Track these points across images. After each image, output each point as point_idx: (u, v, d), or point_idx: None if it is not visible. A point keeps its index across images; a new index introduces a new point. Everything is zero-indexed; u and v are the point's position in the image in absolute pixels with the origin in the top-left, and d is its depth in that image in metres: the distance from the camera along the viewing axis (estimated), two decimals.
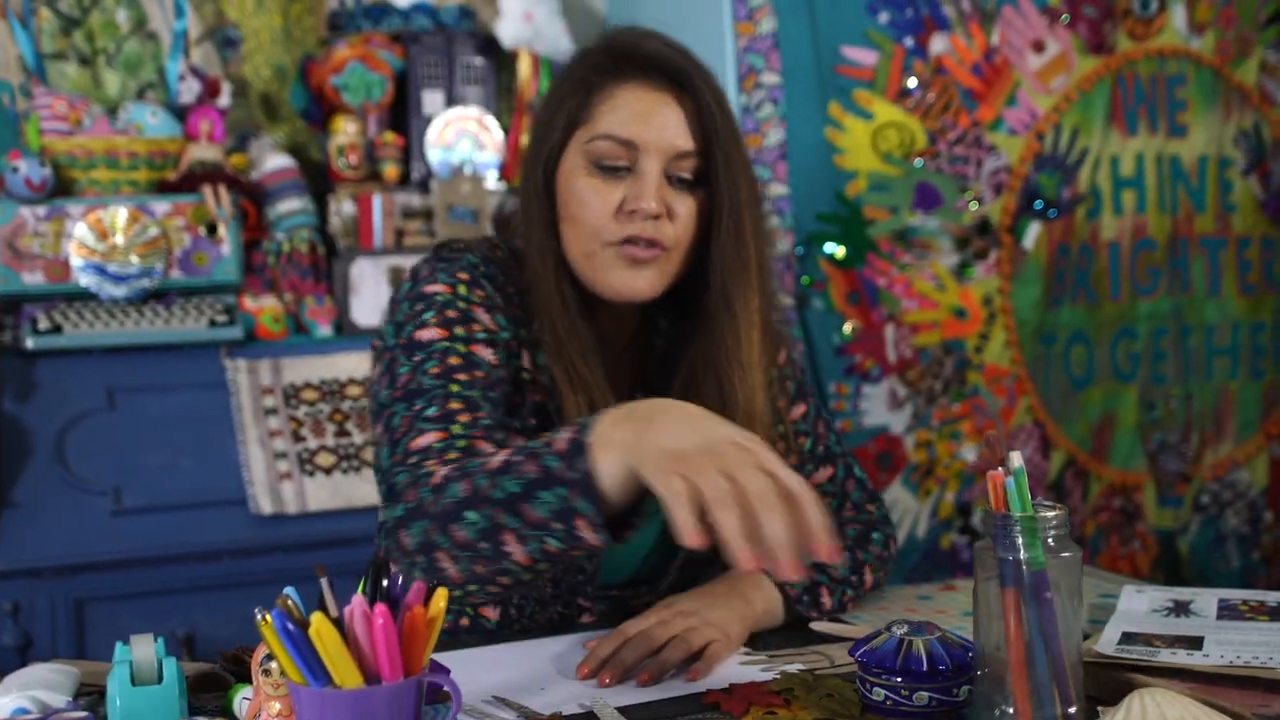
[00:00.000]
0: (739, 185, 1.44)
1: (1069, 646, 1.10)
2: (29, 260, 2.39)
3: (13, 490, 2.19)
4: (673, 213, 1.41)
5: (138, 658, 1.19)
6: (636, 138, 1.40)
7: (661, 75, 1.42)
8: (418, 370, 1.35)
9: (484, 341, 1.40)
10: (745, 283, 1.44)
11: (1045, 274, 2.67)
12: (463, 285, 1.42)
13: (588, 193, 1.41)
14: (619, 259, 1.41)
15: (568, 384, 1.43)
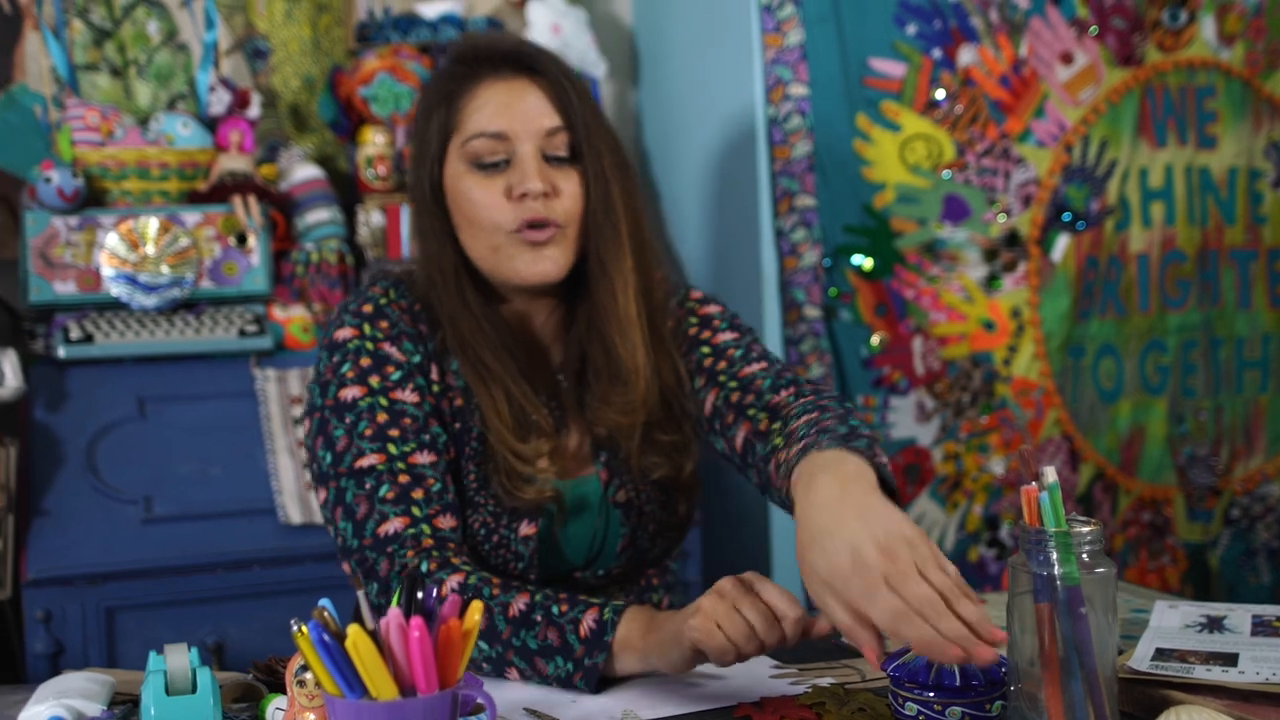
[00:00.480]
0: (602, 153, 1.52)
1: (1104, 662, 1.10)
2: (61, 270, 2.41)
3: (44, 498, 2.20)
4: (558, 189, 1.50)
5: (172, 667, 1.20)
6: (506, 128, 1.49)
7: (513, 66, 1.52)
8: (353, 434, 1.45)
9: (399, 383, 1.49)
10: (617, 245, 1.52)
11: (1074, 286, 2.66)
12: (367, 324, 1.51)
13: (476, 191, 1.49)
14: (520, 246, 1.49)
15: (480, 382, 1.51)
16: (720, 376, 1.54)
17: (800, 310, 2.49)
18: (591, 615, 1.32)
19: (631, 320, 1.52)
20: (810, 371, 2.48)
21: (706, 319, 1.61)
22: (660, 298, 1.59)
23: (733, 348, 1.56)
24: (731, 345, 1.57)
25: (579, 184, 1.51)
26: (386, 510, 1.41)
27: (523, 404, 1.51)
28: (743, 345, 1.57)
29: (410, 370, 1.50)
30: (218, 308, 2.51)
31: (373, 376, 1.48)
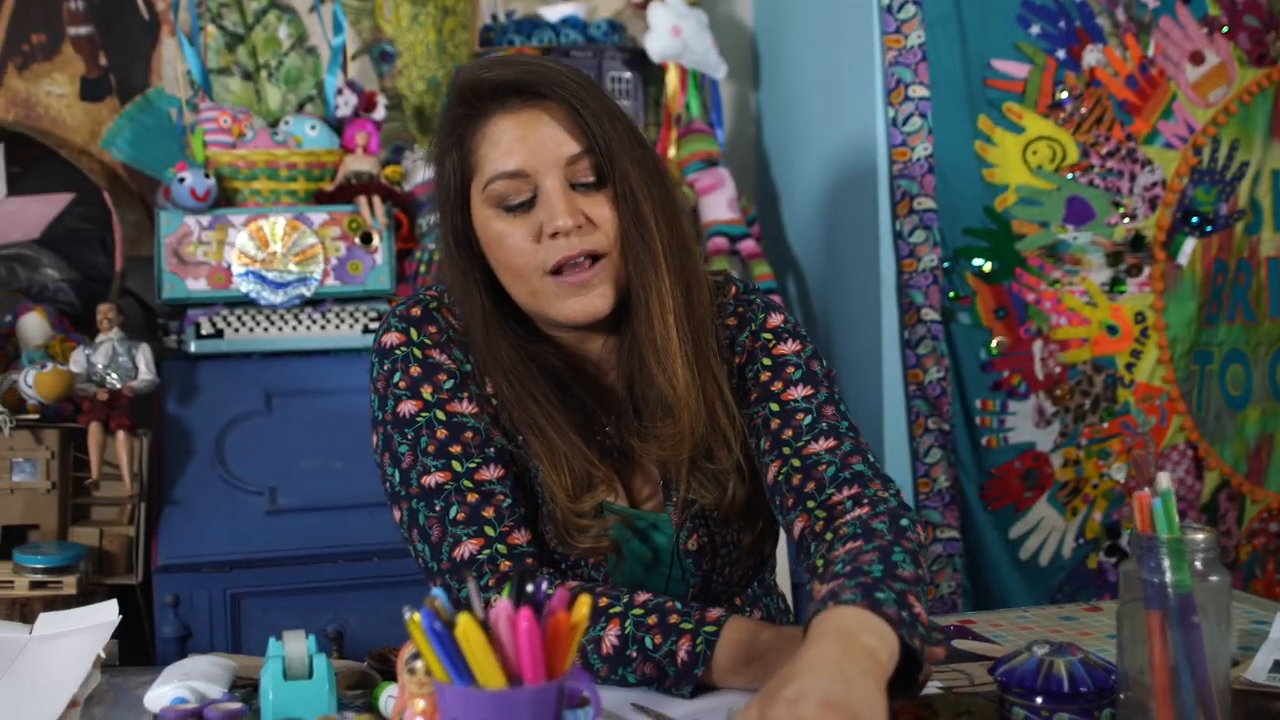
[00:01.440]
0: (628, 172, 1.41)
1: (1216, 673, 1.08)
2: (193, 267, 2.48)
3: (174, 488, 2.28)
4: (591, 219, 1.40)
5: (290, 653, 1.23)
6: (524, 165, 1.39)
7: (521, 96, 1.41)
8: (416, 450, 1.42)
9: (453, 393, 1.44)
10: (654, 267, 1.42)
11: (1201, 290, 2.60)
12: (414, 328, 1.46)
13: (504, 235, 1.41)
14: (564, 289, 1.40)
15: (533, 438, 1.45)
16: (785, 448, 1.44)
17: (918, 313, 2.47)
18: (685, 647, 1.30)
19: (672, 349, 1.43)
20: (928, 375, 2.46)
21: (780, 363, 1.50)
22: (704, 313, 1.49)
23: (802, 411, 1.45)
24: (801, 408, 1.46)
25: (611, 207, 1.41)
26: (459, 533, 1.38)
27: (576, 460, 1.44)
28: (813, 408, 1.46)
29: (463, 379, 1.45)
30: (342, 305, 2.56)
31: (425, 388, 1.43)
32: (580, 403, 1.49)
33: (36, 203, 2.63)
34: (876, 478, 1.41)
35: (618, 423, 1.51)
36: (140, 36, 2.78)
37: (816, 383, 1.49)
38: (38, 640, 1.49)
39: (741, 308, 1.54)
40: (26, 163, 2.63)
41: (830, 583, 1.21)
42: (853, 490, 1.39)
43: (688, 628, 1.32)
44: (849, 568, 1.23)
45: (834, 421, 1.46)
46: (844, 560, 1.26)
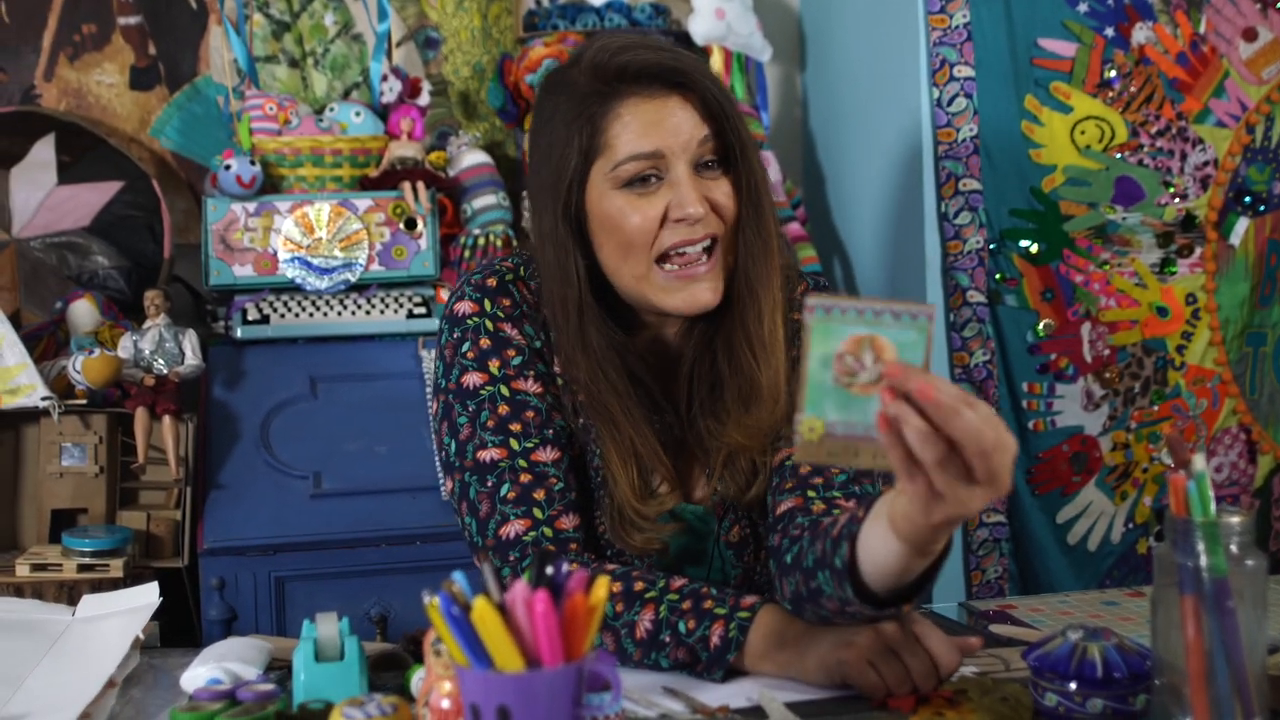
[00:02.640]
0: (754, 166, 1.44)
1: (1253, 658, 1.06)
2: (240, 254, 2.50)
3: (220, 472, 2.30)
4: (715, 205, 1.42)
5: (322, 635, 1.24)
6: (660, 146, 1.40)
7: (658, 81, 1.41)
8: (475, 424, 1.43)
9: (520, 369, 1.45)
10: (767, 264, 1.44)
11: (1254, 271, 2.56)
12: (488, 300, 1.47)
13: (629, 214, 1.40)
14: (675, 281, 1.41)
15: (604, 428, 1.45)
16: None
17: (964, 295, 2.45)
18: (718, 631, 1.30)
19: (778, 343, 1.45)
20: (973, 358, 2.44)
21: None
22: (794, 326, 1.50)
23: None
24: None
25: (732, 195, 1.43)
26: (508, 511, 1.40)
27: (647, 457, 1.45)
28: None
29: (531, 356, 1.46)
30: (387, 290, 2.58)
31: (493, 361, 1.45)
32: (648, 389, 1.49)
33: (87, 191, 2.66)
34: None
35: (684, 408, 1.51)
36: (188, 25, 2.81)
37: None
38: (80, 622, 1.52)
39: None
40: (77, 152, 2.66)
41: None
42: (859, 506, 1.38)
43: (722, 613, 1.32)
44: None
45: None
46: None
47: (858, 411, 1.02)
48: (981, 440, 1.00)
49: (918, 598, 1.24)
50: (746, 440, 1.45)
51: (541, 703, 0.94)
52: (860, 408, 1.02)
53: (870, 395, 1.01)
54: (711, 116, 1.42)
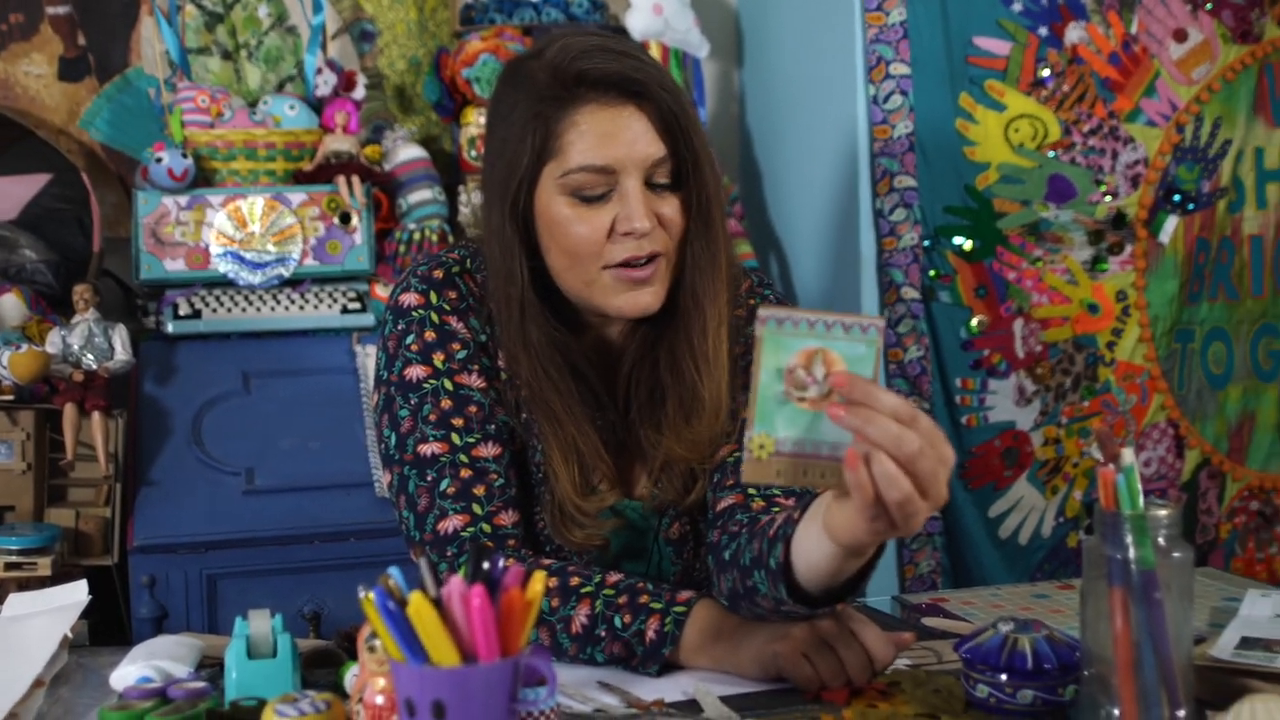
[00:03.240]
0: (707, 181, 1.42)
1: (1179, 648, 1.08)
2: (171, 248, 2.47)
3: (151, 469, 2.27)
4: (663, 220, 1.41)
5: (254, 632, 1.23)
6: (612, 161, 1.38)
7: (617, 89, 1.39)
8: (417, 417, 1.41)
9: (465, 363, 1.44)
10: (714, 278, 1.43)
11: (1183, 269, 2.60)
12: (434, 292, 1.45)
13: (575, 224, 1.39)
14: (620, 283, 1.40)
15: (547, 426, 1.44)
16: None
17: (898, 291, 2.47)
18: (654, 626, 1.30)
19: (720, 358, 1.44)
20: (908, 354, 2.46)
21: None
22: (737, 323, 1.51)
23: None
24: None
25: (680, 211, 1.42)
26: (447, 506, 1.38)
27: (589, 455, 1.44)
28: None
29: (476, 350, 1.45)
30: (321, 285, 2.56)
31: (437, 354, 1.43)
32: (591, 387, 1.48)
33: (14, 183, 2.62)
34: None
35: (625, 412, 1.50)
36: (119, 16, 2.77)
37: None
38: (6, 621, 1.49)
39: (754, 300, 1.55)
40: (4, 143, 2.62)
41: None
42: (795, 502, 1.38)
43: (657, 607, 1.32)
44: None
45: None
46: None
47: (807, 429, 1.03)
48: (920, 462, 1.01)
49: (852, 597, 1.24)
50: (686, 453, 1.45)
51: (477, 698, 0.93)
52: (810, 425, 1.03)
53: (819, 411, 1.02)
54: (667, 130, 1.40)
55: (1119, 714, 1.08)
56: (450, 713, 0.93)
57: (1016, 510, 2.53)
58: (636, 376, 1.49)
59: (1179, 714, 1.08)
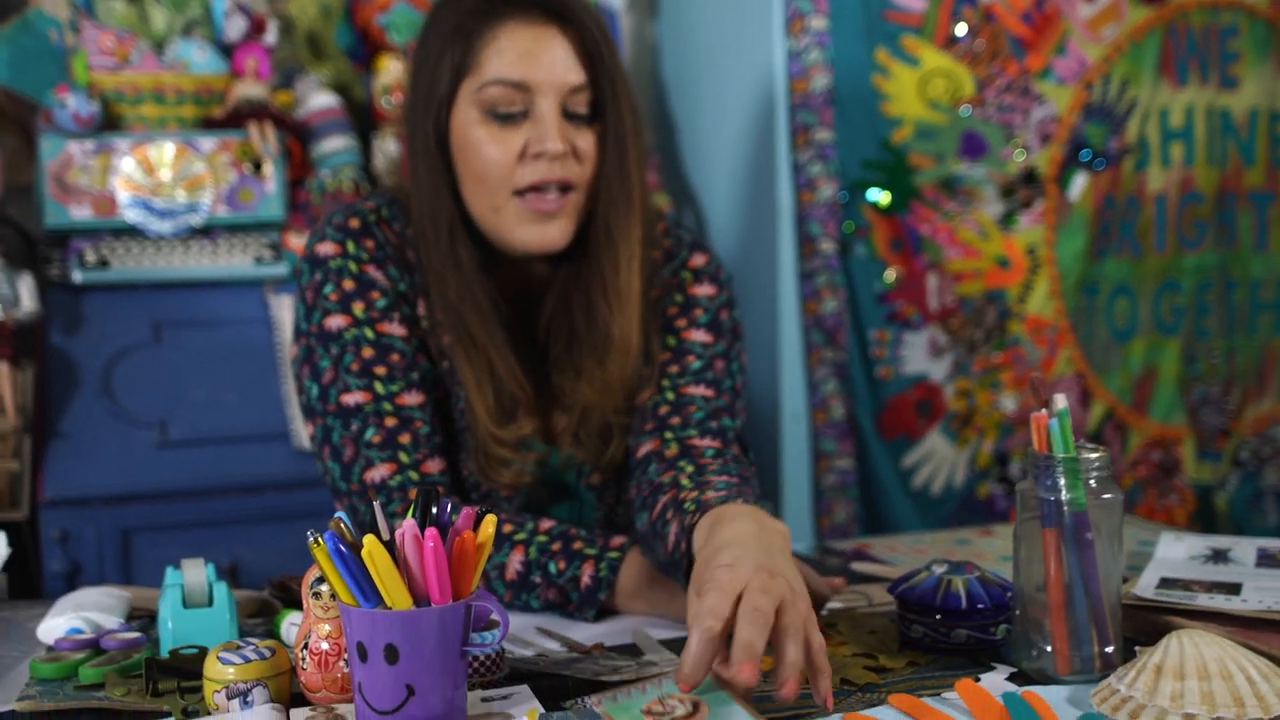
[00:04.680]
0: (623, 115, 1.43)
1: (1108, 588, 1.11)
2: (77, 195, 2.41)
3: (61, 421, 2.22)
4: (577, 151, 1.41)
5: (189, 581, 1.21)
6: (528, 78, 1.38)
7: (541, 10, 1.40)
8: (339, 367, 1.40)
9: (385, 312, 1.43)
10: (628, 214, 1.44)
11: (1090, 225, 2.65)
12: (351, 241, 1.44)
13: (487, 143, 1.39)
14: (527, 213, 1.40)
15: (463, 354, 1.44)
16: (665, 380, 1.46)
17: (815, 244, 2.49)
18: (588, 572, 1.31)
19: (632, 295, 1.44)
20: (824, 306, 2.48)
21: (691, 303, 1.50)
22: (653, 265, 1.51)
23: (694, 354, 1.47)
24: (695, 351, 1.47)
25: (595, 145, 1.42)
26: (373, 455, 1.38)
27: (507, 381, 1.44)
28: (706, 356, 1.47)
29: (396, 299, 1.44)
30: (233, 234, 2.51)
31: (356, 304, 1.42)
32: (512, 333, 1.48)
33: None
34: (736, 442, 1.43)
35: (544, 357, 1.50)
36: None
37: (719, 332, 1.50)
38: None
39: (669, 241, 1.55)
40: None
41: (719, 491, 1.22)
42: (714, 443, 1.41)
43: (591, 553, 1.33)
44: (736, 488, 1.24)
45: (720, 375, 1.47)
46: (727, 485, 1.27)
47: None
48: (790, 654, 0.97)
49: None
50: (599, 397, 1.45)
51: (430, 640, 0.94)
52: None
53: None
54: (589, 59, 1.41)
55: (1050, 651, 1.11)
56: (403, 655, 0.93)
57: (929, 461, 2.57)
58: (554, 324, 1.49)
59: (1108, 650, 1.11)
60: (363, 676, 0.94)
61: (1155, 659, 1.04)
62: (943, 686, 1.10)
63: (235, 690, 1.02)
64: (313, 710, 1.02)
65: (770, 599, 0.95)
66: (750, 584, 0.97)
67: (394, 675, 0.93)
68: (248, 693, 1.02)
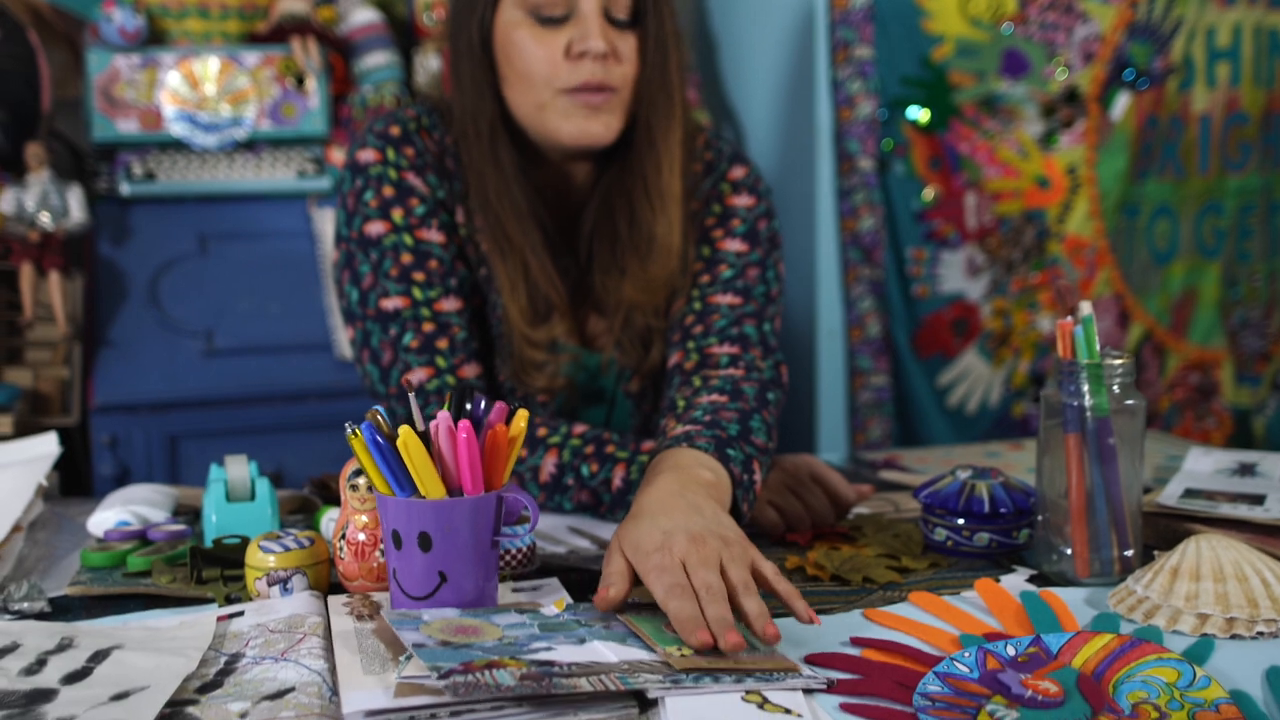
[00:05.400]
0: (664, 20, 1.45)
1: (1129, 493, 1.13)
2: (123, 109, 2.44)
3: (109, 330, 2.27)
4: (618, 53, 1.43)
5: (232, 476, 1.25)
6: None
7: None
8: (378, 273, 1.43)
9: (424, 219, 1.45)
10: (669, 116, 1.46)
11: (1132, 145, 2.63)
12: (391, 148, 1.47)
13: (531, 44, 1.41)
14: (574, 107, 1.42)
15: (498, 253, 1.46)
16: (695, 290, 1.48)
17: (853, 162, 2.49)
18: (619, 475, 1.34)
19: (674, 196, 1.47)
20: (861, 224, 2.49)
21: (728, 214, 1.53)
22: (694, 178, 1.54)
23: (727, 263, 1.49)
24: (728, 260, 1.49)
25: (637, 49, 1.44)
26: (410, 360, 1.40)
27: (541, 283, 1.47)
28: (738, 265, 1.49)
29: (435, 205, 1.46)
30: (276, 148, 2.54)
31: (396, 210, 1.44)
32: (550, 236, 1.50)
33: None
34: (760, 345, 1.45)
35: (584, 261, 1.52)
36: None
37: (755, 242, 1.52)
38: None
39: (710, 154, 1.56)
40: None
41: (686, 425, 1.25)
42: (732, 349, 1.43)
43: (623, 456, 1.35)
44: (709, 418, 1.27)
45: (751, 284, 1.49)
46: (705, 409, 1.29)
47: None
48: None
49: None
50: (642, 296, 1.48)
51: (462, 529, 0.97)
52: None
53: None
54: None
55: (1070, 554, 1.13)
56: (436, 543, 0.97)
57: (965, 380, 2.58)
58: (596, 227, 1.51)
59: (1128, 554, 1.13)
60: (397, 564, 0.98)
61: (1172, 561, 1.06)
62: (963, 587, 1.13)
63: (275, 577, 1.05)
64: (349, 597, 1.05)
65: (710, 568, 0.98)
66: (688, 560, 0.99)
67: (427, 562, 0.97)
68: (287, 580, 1.06)
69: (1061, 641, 0.94)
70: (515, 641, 0.91)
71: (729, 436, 1.23)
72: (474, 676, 0.82)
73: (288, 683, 0.87)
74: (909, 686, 0.88)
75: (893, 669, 0.92)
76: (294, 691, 0.85)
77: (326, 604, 1.04)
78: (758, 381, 1.37)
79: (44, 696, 0.87)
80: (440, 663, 0.84)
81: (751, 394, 1.34)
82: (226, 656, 0.93)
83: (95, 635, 0.99)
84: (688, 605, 0.94)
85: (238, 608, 1.04)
